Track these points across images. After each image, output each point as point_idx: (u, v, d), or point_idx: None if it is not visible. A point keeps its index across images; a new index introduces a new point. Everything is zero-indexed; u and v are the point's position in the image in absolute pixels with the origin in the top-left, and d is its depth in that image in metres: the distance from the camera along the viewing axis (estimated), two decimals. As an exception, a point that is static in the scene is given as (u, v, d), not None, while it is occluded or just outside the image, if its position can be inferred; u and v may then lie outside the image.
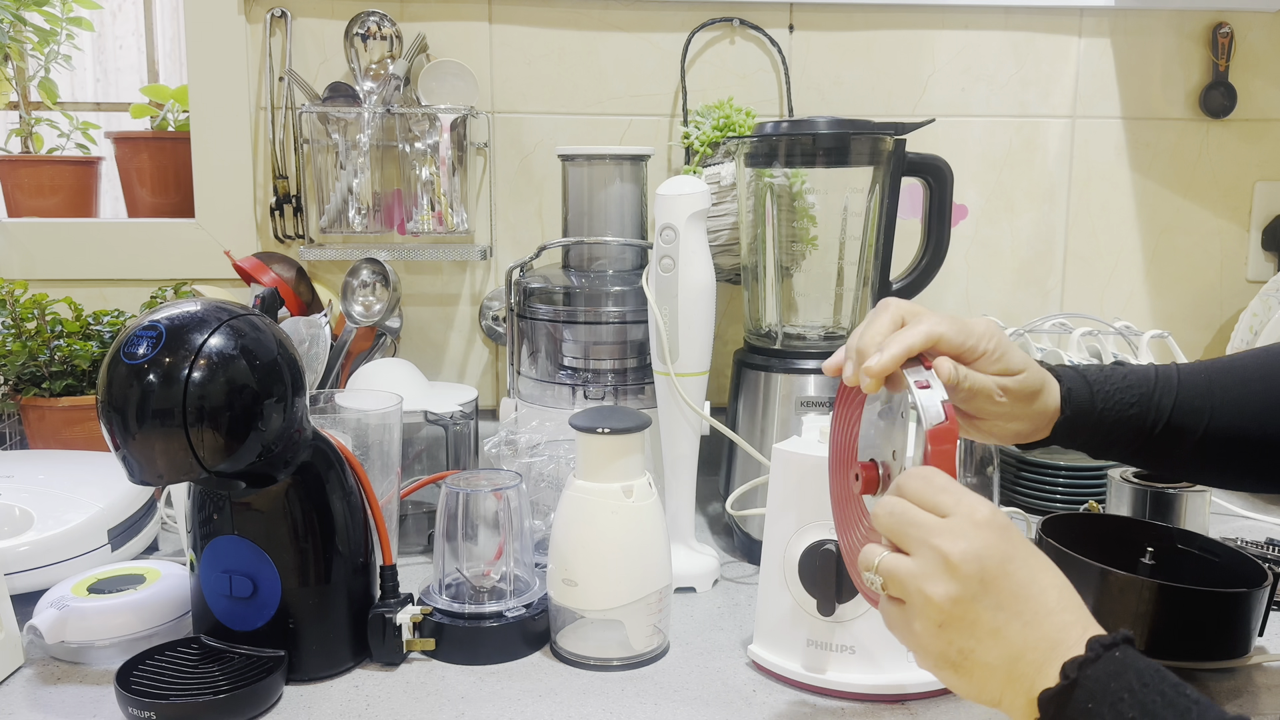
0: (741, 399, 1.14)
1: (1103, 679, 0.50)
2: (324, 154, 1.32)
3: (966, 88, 1.37)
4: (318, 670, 0.80)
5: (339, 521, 0.81)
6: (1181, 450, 0.76)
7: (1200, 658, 0.79)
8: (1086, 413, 0.75)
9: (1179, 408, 0.75)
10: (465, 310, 1.39)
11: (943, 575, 0.54)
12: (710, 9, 1.33)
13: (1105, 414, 0.75)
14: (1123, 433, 0.75)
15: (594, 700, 0.77)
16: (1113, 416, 0.75)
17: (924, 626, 0.55)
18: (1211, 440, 0.75)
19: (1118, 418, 0.75)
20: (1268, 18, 1.38)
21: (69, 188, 1.43)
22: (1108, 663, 0.51)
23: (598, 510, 0.82)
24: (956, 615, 0.54)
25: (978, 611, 0.54)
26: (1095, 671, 0.51)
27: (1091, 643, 0.52)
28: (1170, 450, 0.76)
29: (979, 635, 0.54)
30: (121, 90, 1.87)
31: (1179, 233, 1.42)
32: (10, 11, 1.36)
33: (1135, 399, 0.75)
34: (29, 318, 1.18)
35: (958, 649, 0.55)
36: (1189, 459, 0.77)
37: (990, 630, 0.54)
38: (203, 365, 0.70)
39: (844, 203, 1.15)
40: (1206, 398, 0.75)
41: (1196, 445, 0.75)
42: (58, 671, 0.81)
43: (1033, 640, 0.53)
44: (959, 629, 0.54)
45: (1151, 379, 0.76)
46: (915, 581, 0.55)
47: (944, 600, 0.54)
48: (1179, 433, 0.75)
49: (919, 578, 0.55)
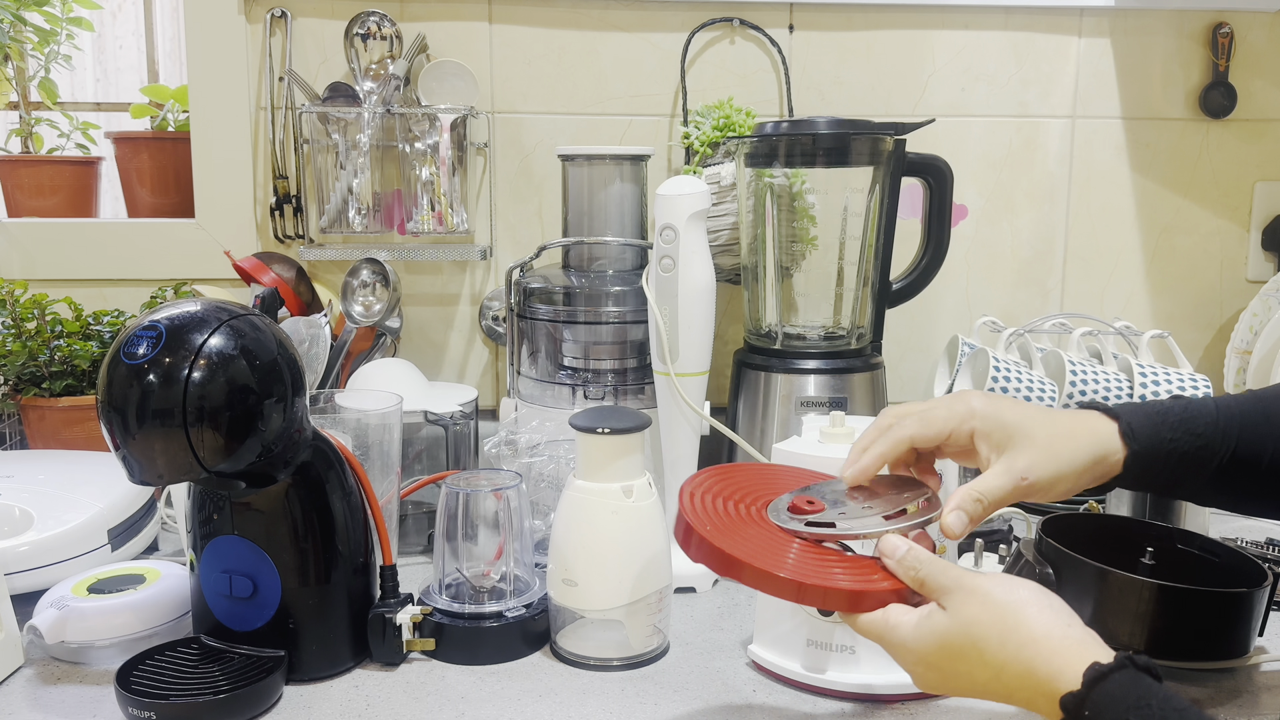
0: (741, 399, 1.14)
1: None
2: (324, 154, 1.32)
3: (966, 88, 1.37)
4: (318, 670, 0.80)
5: (339, 521, 0.81)
6: (1251, 480, 0.72)
7: (1200, 658, 0.79)
8: (1153, 448, 0.70)
9: (1244, 436, 0.72)
10: (465, 310, 1.39)
11: (912, 677, 0.62)
12: (710, 9, 1.33)
13: (1175, 445, 0.70)
14: (1192, 464, 0.71)
15: (594, 700, 0.77)
16: (1183, 447, 0.71)
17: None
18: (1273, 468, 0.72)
19: (1187, 449, 0.71)
20: (1268, 18, 1.38)
21: (69, 188, 1.43)
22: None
23: (598, 510, 0.82)
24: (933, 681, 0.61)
25: (951, 682, 0.60)
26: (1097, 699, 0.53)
27: (1064, 701, 0.54)
28: (1241, 481, 0.72)
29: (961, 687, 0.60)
30: (121, 90, 1.87)
31: (1179, 233, 1.42)
32: (10, 11, 1.36)
33: (1202, 428, 0.71)
34: (29, 318, 1.18)
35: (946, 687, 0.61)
36: (1258, 489, 0.73)
37: (969, 685, 0.59)
38: (203, 365, 0.70)
39: (844, 203, 1.15)
40: (1267, 424, 0.72)
41: (1266, 472, 0.72)
42: (58, 671, 0.81)
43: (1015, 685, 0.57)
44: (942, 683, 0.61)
45: (1212, 409, 0.73)
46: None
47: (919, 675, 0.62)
48: (1246, 463, 0.72)
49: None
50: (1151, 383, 1.18)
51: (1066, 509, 1.15)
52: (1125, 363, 1.23)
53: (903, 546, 0.62)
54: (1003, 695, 0.57)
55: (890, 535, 0.63)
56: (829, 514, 0.67)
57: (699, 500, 0.69)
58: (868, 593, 0.62)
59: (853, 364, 1.12)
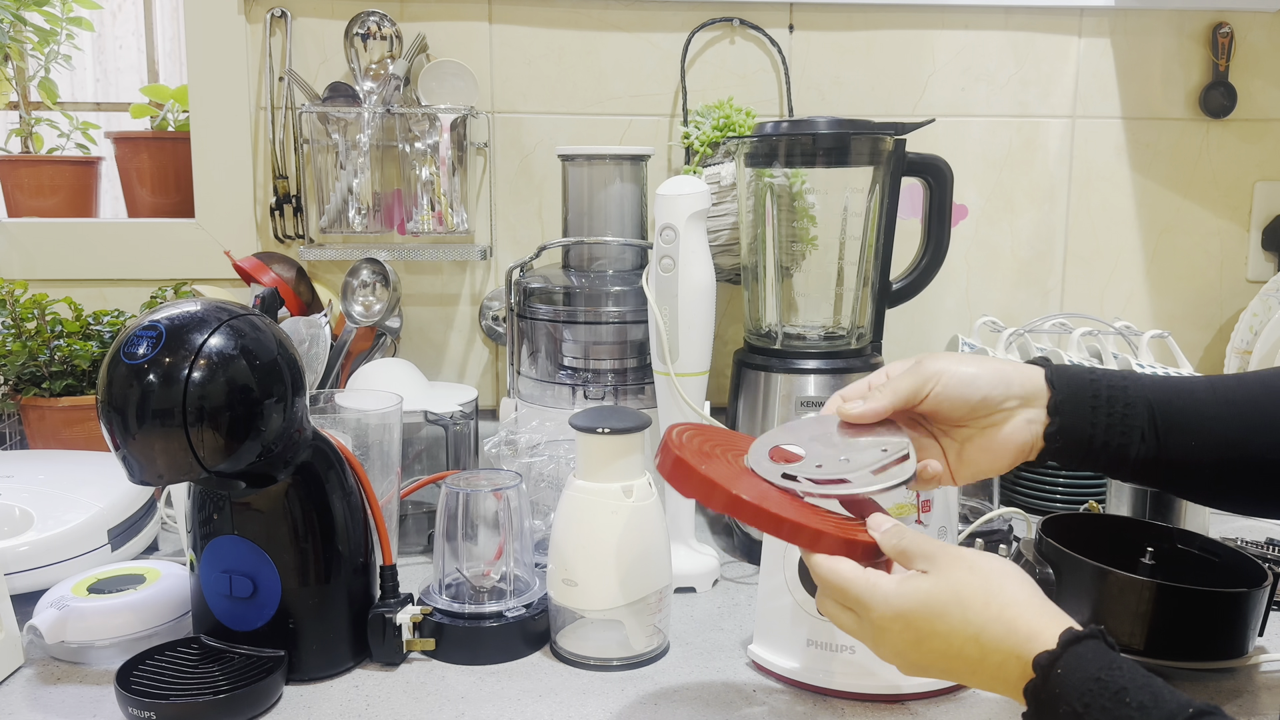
0: (741, 399, 1.14)
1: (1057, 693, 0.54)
2: (324, 154, 1.32)
3: (966, 88, 1.37)
4: (318, 670, 0.80)
5: (339, 521, 0.81)
6: (1186, 470, 0.71)
7: (1200, 658, 0.79)
8: (1079, 387, 0.70)
9: (1173, 405, 0.70)
10: (465, 310, 1.39)
11: (875, 645, 0.62)
12: (710, 9, 1.33)
13: (1099, 395, 0.70)
14: (1120, 425, 0.70)
15: (594, 700, 0.77)
16: (1106, 396, 0.70)
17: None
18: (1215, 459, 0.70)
19: (1111, 398, 0.70)
20: (1268, 18, 1.38)
21: (69, 188, 1.43)
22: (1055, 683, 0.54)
23: (598, 510, 0.82)
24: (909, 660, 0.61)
25: (926, 644, 0.60)
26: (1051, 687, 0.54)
27: (1028, 689, 0.55)
28: (1168, 459, 0.71)
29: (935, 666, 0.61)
30: (121, 90, 1.87)
31: (1179, 233, 1.42)
32: (10, 11, 1.36)
33: (1126, 380, 0.71)
34: (29, 318, 1.18)
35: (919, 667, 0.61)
36: (1194, 478, 0.72)
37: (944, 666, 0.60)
38: (203, 365, 0.70)
39: (844, 203, 1.15)
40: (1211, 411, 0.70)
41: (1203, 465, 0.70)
42: (58, 671, 0.81)
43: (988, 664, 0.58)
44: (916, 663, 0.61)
45: (1135, 374, 0.72)
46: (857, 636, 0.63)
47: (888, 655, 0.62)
48: (1178, 435, 0.71)
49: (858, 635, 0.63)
50: (1151, 383, 1.18)
51: (1066, 509, 1.16)
52: (1125, 363, 1.23)
53: (887, 522, 0.64)
54: (973, 659, 0.57)
55: (877, 514, 0.65)
56: (806, 465, 0.67)
57: (685, 438, 0.69)
58: (851, 541, 0.63)
59: (853, 364, 1.12)
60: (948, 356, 0.72)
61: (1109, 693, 0.52)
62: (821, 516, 0.65)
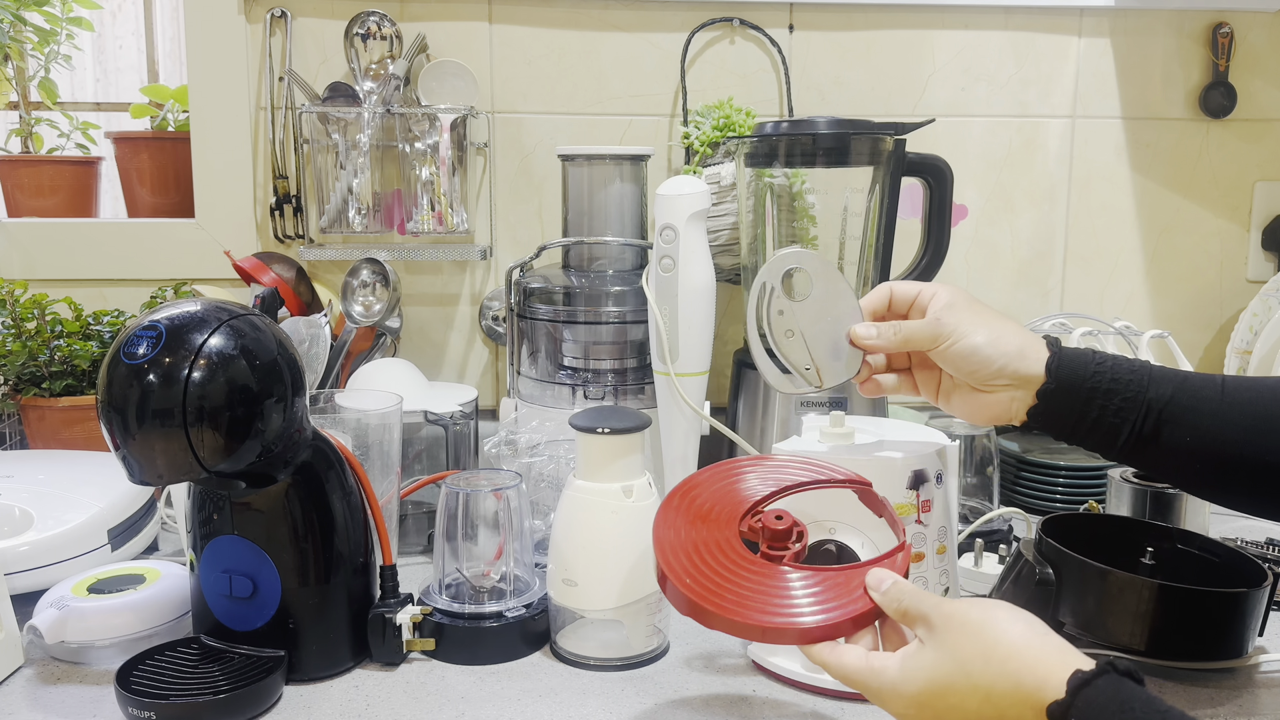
0: (741, 399, 1.14)
1: None
2: (324, 154, 1.32)
3: (966, 88, 1.37)
4: (318, 670, 0.80)
5: (339, 521, 0.81)
6: (1172, 452, 0.71)
7: (1200, 658, 0.79)
8: (1075, 364, 0.71)
9: (1175, 402, 0.70)
10: (465, 310, 1.39)
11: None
12: (710, 9, 1.33)
13: (1097, 388, 0.71)
14: (1112, 416, 0.71)
15: (594, 700, 0.77)
16: (1104, 389, 0.70)
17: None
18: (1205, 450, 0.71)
19: (1109, 391, 0.70)
20: (1268, 18, 1.38)
21: (69, 188, 1.43)
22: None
23: (598, 510, 0.82)
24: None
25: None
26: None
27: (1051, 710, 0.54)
28: (1159, 449, 0.71)
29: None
30: (121, 90, 1.87)
31: (1179, 233, 1.42)
32: (10, 11, 1.36)
33: (1132, 372, 0.71)
34: (29, 318, 1.18)
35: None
36: (1179, 462, 0.72)
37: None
38: (203, 365, 0.70)
39: (844, 203, 1.15)
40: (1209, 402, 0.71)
41: (1190, 451, 0.71)
42: (58, 671, 0.81)
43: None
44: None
45: (1148, 368, 0.72)
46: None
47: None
48: (1174, 428, 0.70)
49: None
50: (1151, 383, 1.18)
51: (1066, 509, 1.15)
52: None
53: (888, 579, 0.62)
54: (994, 718, 0.56)
55: (877, 569, 0.63)
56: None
57: (672, 546, 0.68)
58: (852, 620, 0.62)
59: (853, 364, 1.11)
60: (965, 312, 0.75)
61: None
62: (814, 601, 0.63)
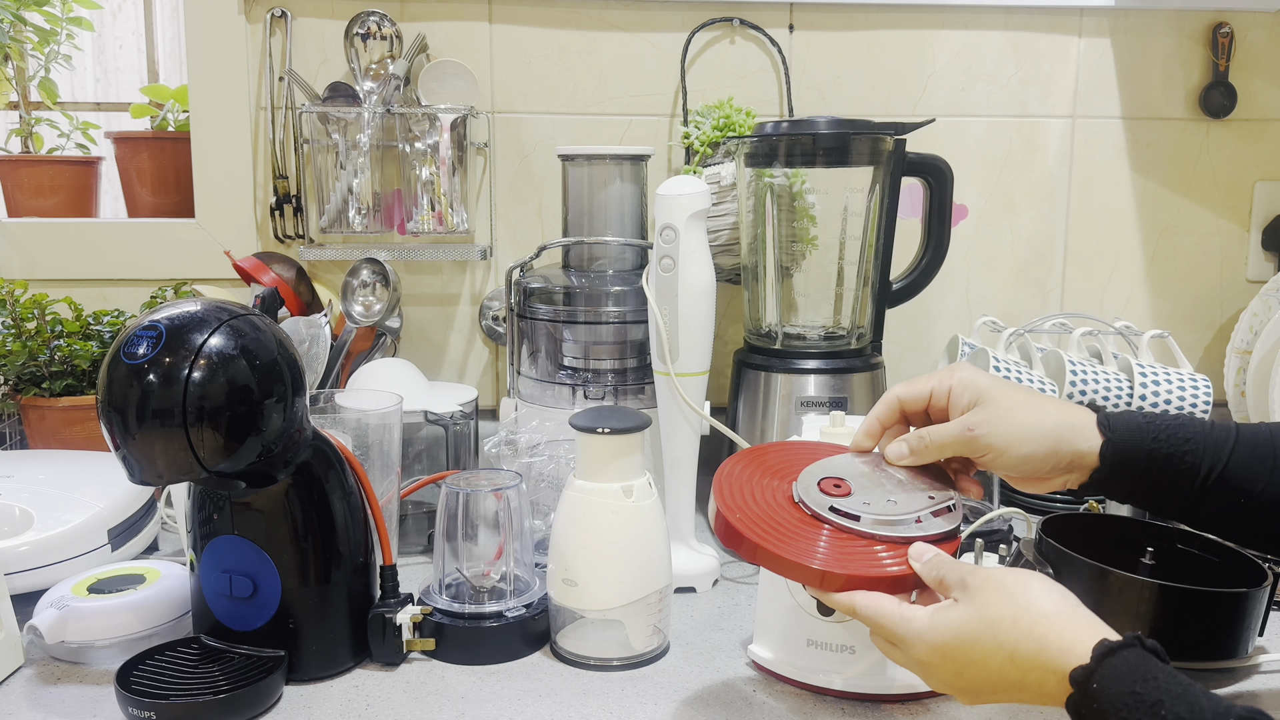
0: (741, 399, 1.14)
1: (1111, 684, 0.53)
2: (324, 154, 1.32)
3: (966, 88, 1.37)
4: (318, 670, 0.80)
5: (339, 521, 0.81)
6: (1240, 505, 0.69)
7: (1200, 658, 0.79)
8: (1131, 443, 0.69)
9: (1241, 454, 0.69)
10: (465, 310, 1.39)
11: (924, 678, 0.62)
12: (710, 9, 1.33)
13: (1157, 446, 0.68)
14: (1174, 472, 0.69)
15: (594, 700, 0.77)
16: (1166, 449, 0.68)
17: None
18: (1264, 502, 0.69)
19: (1171, 452, 0.68)
20: (1268, 18, 1.38)
21: (69, 188, 1.43)
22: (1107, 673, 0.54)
23: (598, 510, 0.82)
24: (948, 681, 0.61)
25: (966, 672, 0.60)
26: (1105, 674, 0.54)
27: (1069, 704, 0.55)
28: (1230, 503, 0.69)
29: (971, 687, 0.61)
30: (121, 90, 1.87)
31: (1179, 233, 1.42)
32: (10, 11, 1.36)
33: (1191, 434, 0.69)
34: (29, 318, 1.18)
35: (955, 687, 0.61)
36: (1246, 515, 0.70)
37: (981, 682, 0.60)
38: (203, 365, 0.70)
39: (844, 203, 1.15)
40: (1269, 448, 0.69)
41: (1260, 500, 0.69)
42: (58, 671, 0.81)
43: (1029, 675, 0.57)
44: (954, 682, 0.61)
45: (1206, 423, 0.71)
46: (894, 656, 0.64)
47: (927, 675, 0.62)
48: (1236, 485, 0.69)
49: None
50: (1152, 382, 1.18)
51: (1066, 509, 1.15)
52: (1125, 363, 1.23)
53: (929, 552, 0.65)
54: (1015, 680, 0.57)
55: (919, 543, 0.66)
56: (854, 501, 0.69)
57: (731, 490, 0.73)
58: (893, 578, 0.65)
59: (853, 364, 1.12)
60: (1001, 415, 0.69)
61: (1145, 705, 0.51)
62: (861, 558, 0.66)
